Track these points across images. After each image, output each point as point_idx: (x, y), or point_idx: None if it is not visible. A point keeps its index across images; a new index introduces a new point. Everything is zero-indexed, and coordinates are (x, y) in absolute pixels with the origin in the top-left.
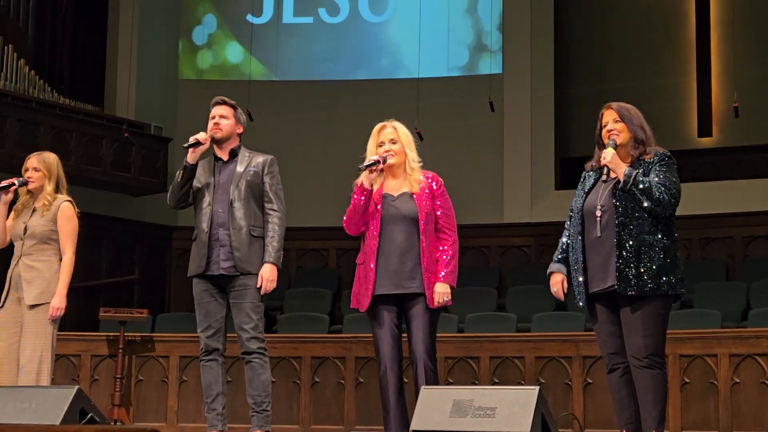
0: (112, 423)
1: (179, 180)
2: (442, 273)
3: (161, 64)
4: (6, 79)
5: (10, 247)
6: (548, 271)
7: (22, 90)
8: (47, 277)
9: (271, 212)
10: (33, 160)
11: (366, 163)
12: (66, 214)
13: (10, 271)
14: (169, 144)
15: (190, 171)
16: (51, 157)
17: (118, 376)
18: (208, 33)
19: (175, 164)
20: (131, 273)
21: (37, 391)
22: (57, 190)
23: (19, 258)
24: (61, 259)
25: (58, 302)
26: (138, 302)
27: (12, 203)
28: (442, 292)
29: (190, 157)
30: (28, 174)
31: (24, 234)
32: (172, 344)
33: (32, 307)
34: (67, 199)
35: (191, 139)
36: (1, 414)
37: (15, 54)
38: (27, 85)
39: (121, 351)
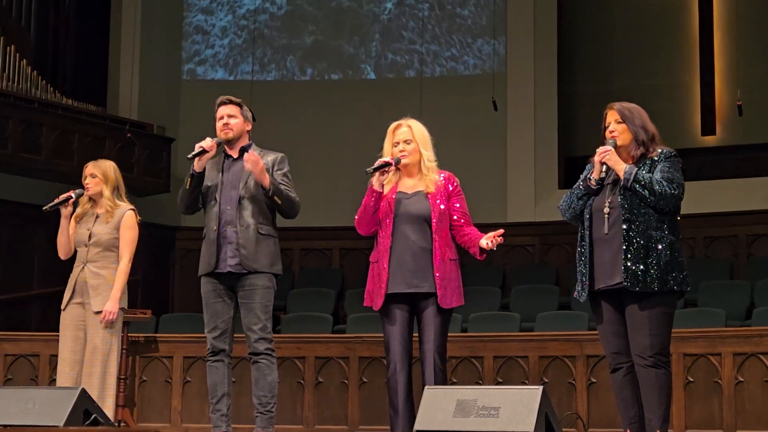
0: (116, 424)
1: (187, 188)
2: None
3: (164, 64)
4: (8, 80)
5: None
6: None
7: (24, 90)
8: (112, 284)
9: None
10: (90, 167)
11: (373, 167)
12: (128, 223)
13: (74, 276)
14: (172, 144)
15: (198, 179)
16: (107, 164)
17: (122, 376)
18: (210, 32)
19: (178, 164)
20: (134, 273)
21: (40, 392)
22: (118, 196)
23: (84, 264)
24: None
25: (111, 306)
26: (141, 303)
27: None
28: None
29: (197, 165)
30: (86, 181)
31: (89, 241)
32: (175, 345)
33: (98, 313)
34: (130, 207)
35: (196, 148)
36: (6, 415)
37: (17, 54)
38: (29, 86)
39: (124, 351)
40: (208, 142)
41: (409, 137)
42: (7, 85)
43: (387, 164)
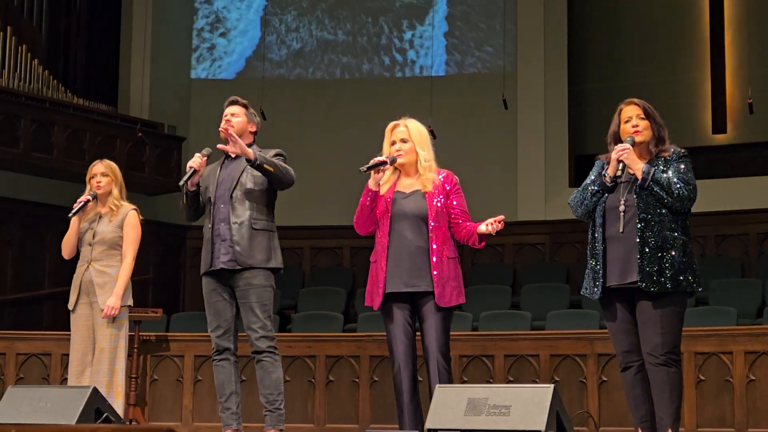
0: (128, 422)
1: (184, 202)
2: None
3: (174, 63)
4: (20, 79)
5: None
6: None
7: (36, 90)
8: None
9: None
10: (99, 167)
11: (366, 166)
12: (132, 222)
13: (78, 276)
14: (183, 143)
15: (192, 197)
16: (114, 164)
17: (133, 375)
18: (220, 31)
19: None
20: (145, 272)
21: (52, 391)
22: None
23: (89, 263)
24: None
25: (113, 302)
26: (152, 302)
27: None
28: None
29: (189, 184)
30: (96, 180)
31: (93, 239)
32: (186, 343)
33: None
34: (133, 207)
35: (187, 169)
36: (18, 413)
37: (29, 54)
38: (41, 85)
39: (135, 350)
40: (196, 161)
41: (405, 136)
42: (18, 85)
43: (381, 163)
